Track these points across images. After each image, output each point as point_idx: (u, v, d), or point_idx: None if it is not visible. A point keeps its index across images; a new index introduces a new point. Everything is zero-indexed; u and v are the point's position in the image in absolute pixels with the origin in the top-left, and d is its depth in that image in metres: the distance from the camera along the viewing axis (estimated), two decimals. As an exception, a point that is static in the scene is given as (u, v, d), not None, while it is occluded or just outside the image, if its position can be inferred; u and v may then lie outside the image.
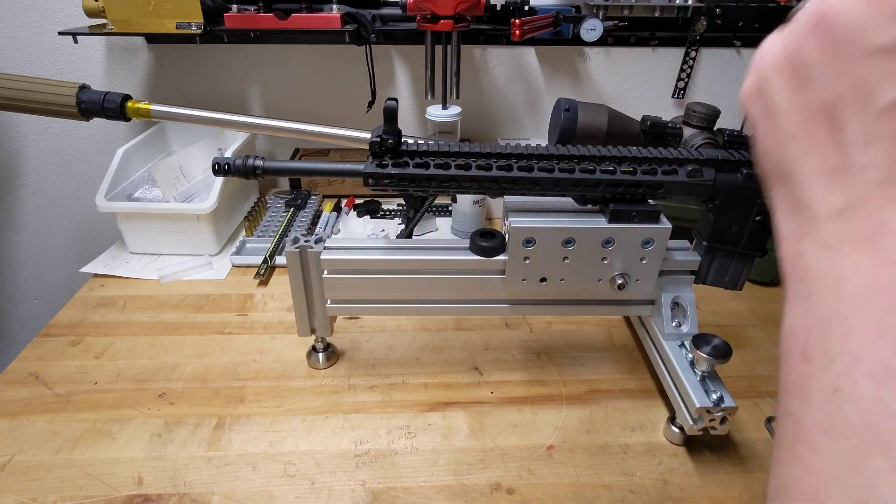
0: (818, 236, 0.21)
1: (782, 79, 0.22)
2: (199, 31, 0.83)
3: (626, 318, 0.74)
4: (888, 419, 0.17)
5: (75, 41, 0.88)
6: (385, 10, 0.95)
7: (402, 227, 0.93)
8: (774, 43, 0.23)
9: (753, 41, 1.02)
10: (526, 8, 0.89)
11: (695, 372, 0.54)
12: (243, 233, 0.93)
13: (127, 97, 0.74)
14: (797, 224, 0.22)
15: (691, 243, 0.60)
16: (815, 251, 0.21)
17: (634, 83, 1.07)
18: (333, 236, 0.92)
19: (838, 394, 0.18)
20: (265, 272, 0.83)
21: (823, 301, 0.20)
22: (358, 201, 1.02)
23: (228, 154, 0.93)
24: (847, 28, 0.19)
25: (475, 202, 0.91)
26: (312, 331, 0.63)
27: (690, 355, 0.55)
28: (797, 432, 0.19)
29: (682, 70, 1.05)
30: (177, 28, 0.84)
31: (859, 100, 0.20)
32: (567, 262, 0.55)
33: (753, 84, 0.24)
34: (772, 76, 0.23)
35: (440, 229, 0.97)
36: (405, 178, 0.51)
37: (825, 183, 0.21)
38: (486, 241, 0.56)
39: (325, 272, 0.58)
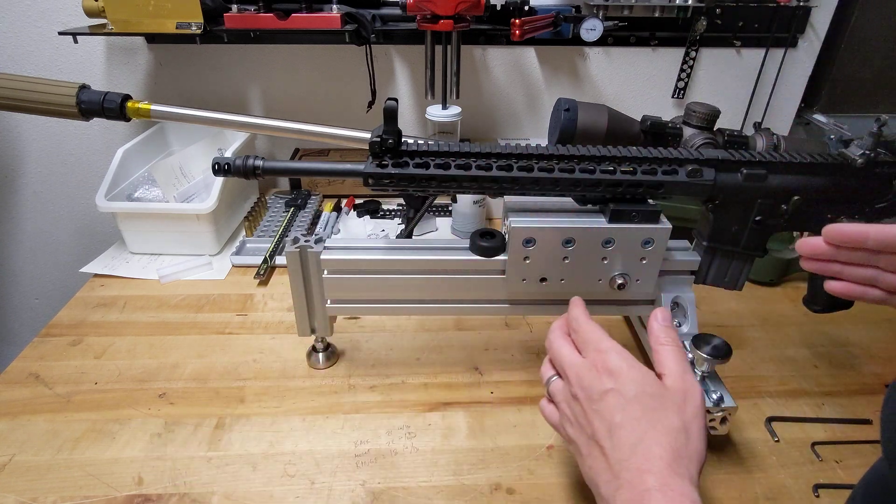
0: None
1: (571, 427, 0.40)
2: (199, 31, 0.83)
3: (626, 318, 0.74)
4: None
5: (75, 41, 0.88)
6: (385, 10, 0.95)
7: (402, 227, 0.93)
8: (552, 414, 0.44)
9: (753, 41, 1.02)
10: (526, 8, 0.89)
11: (695, 372, 0.54)
12: (243, 233, 0.93)
13: (127, 97, 0.74)
14: None
15: (691, 243, 0.60)
16: None
17: (634, 83, 1.07)
18: (333, 236, 0.92)
19: None
20: (265, 272, 0.83)
21: None
22: (358, 201, 1.02)
23: (228, 154, 0.93)
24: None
25: (475, 202, 0.91)
26: (312, 331, 0.63)
27: (690, 355, 0.55)
28: None
29: (682, 70, 1.05)
30: (177, 28, 0.84)
31: (605, 431, 0.37)
32: (567, 262, 0.55)
33: (559, 429, 0.43)
34: (566, 424, 0.41)
35: (440, 229, 0.97)
36: (405, 178, 0.51)
37: (607, 480, 0.36)
38: (486, 241, 0.56)
39: (325, 272, 0.58)
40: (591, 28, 0.94)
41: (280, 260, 0.85)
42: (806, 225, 0.57)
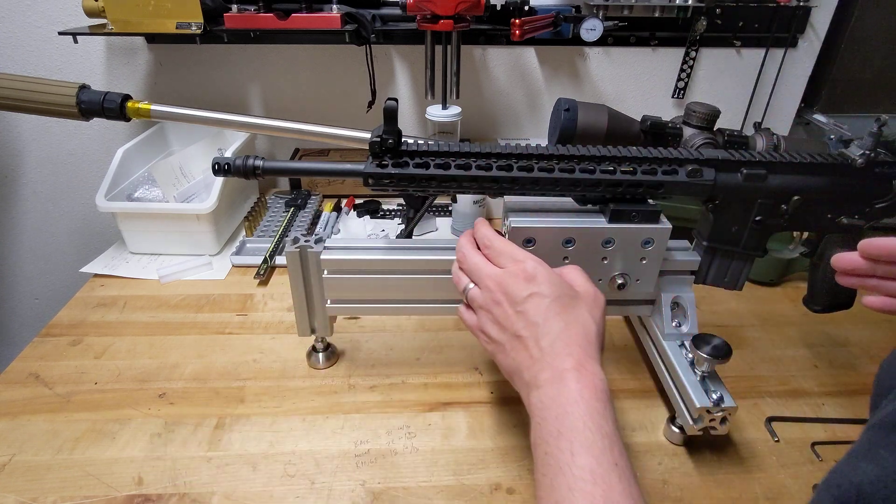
0: (535, 389, 0.40)
1: (492, 325, 0.45)
2: (199, 31, 0.83)
3: (626, 318, 0.74)
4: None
5: (75, 41, 0.88)
6: (385, 10, 0.95)
7: (402, 227, 0.93)
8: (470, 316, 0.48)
9: (753, 41, 1.03)
10: (526, 8, 0.89)
11: (695, 372, 0.54)
12: (243, 233, 0.93)
13: (127, 97, 0.74)
14: (526, 391, 0.41)
15: (691, 243, 0.60)
16: (535, 397, 0.40)
17: (634, 83, 1.07)
18: (333, 236, 0.92)
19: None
20: (265, 272, 0.83)
21: (541, 416, 0.38)
22: (358, 201, 1.02)
23: (228, 154, 0.93)
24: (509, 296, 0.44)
25: (475, 202, 0.91)
26: (312, 331, 0.63)
27: (690, 355, 0.55)
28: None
29: (682, 70, 1.05)
30: (177, 28, 0.84)
31: (529, 327, 0.42)
32: (567, 262, 0.55)
33: (477, 332, 0.47)
34: (485, 323, 0.46)
35: (440, 229, 0.97)
36: (405, 178, 0.51)
37: (529, 366, 0.41)
38: (486, 241, 0.56)
39: (325, 272, 0.58)
40: (591, 28, 0.94)
41: (280, 260, 0.85)
42: (806, 225, 0.57)
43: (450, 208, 0.99)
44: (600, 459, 0.34)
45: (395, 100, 0.48)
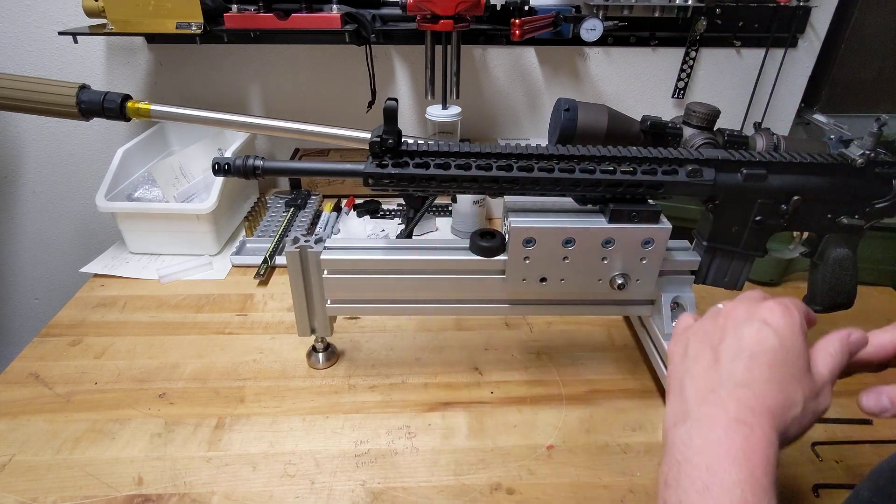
0: (691, 419, 0.34)
1: (696, 338, 0.38)
2: (199, 31, 0.83)
3: (626, 318, 0.74)
4: None
5: (75, 41, 0.88)
6: (385, 10, 0.95)
7: (402, 227, 0.93)
8: (691, 324, 0.41)
9: (753, 41, 1.02)
10: (526, 8, 0.89)
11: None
12: (243, 233, 0.93)
13: (127, 97, 0.74)
14: (680, 414, 0.35)
15: (691, 243, 0.60)
16: (685, 427, 0.34)
17: (634, 83, 1.07)
18: (333, 236, 0.92)
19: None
20: (265, 272, 0.83)
21: (684, 455, 0.33)
22: (358, 201, 1.02)
23: (228, 154, 0.93)
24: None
25: (475, 202, 0.91)
26: (312, 331, 0.63)
27: (690, 355, 0.55)
28: None
29: (682, 70, 1.05)
30: (177, 28, 0.84)
31: (733, 348, 0.36)
32: (567, 262, 0.55)
33: (680, 339, 0.40)
34: (692, 337, 0.39)
35: (440, 229, 0.97)
36: (405, 178, 0.51)
37: (702, 387, 0.35)
38: (486, 241, 0.56)
39: (325, 272, 0.58)
40: (591, 28, 0.94)
41: (280, 260, 0.85)
42: (806, 225, 0.57)
43: (450, 208, 0.99)
44: None
45: (395, 100, 0.48)
